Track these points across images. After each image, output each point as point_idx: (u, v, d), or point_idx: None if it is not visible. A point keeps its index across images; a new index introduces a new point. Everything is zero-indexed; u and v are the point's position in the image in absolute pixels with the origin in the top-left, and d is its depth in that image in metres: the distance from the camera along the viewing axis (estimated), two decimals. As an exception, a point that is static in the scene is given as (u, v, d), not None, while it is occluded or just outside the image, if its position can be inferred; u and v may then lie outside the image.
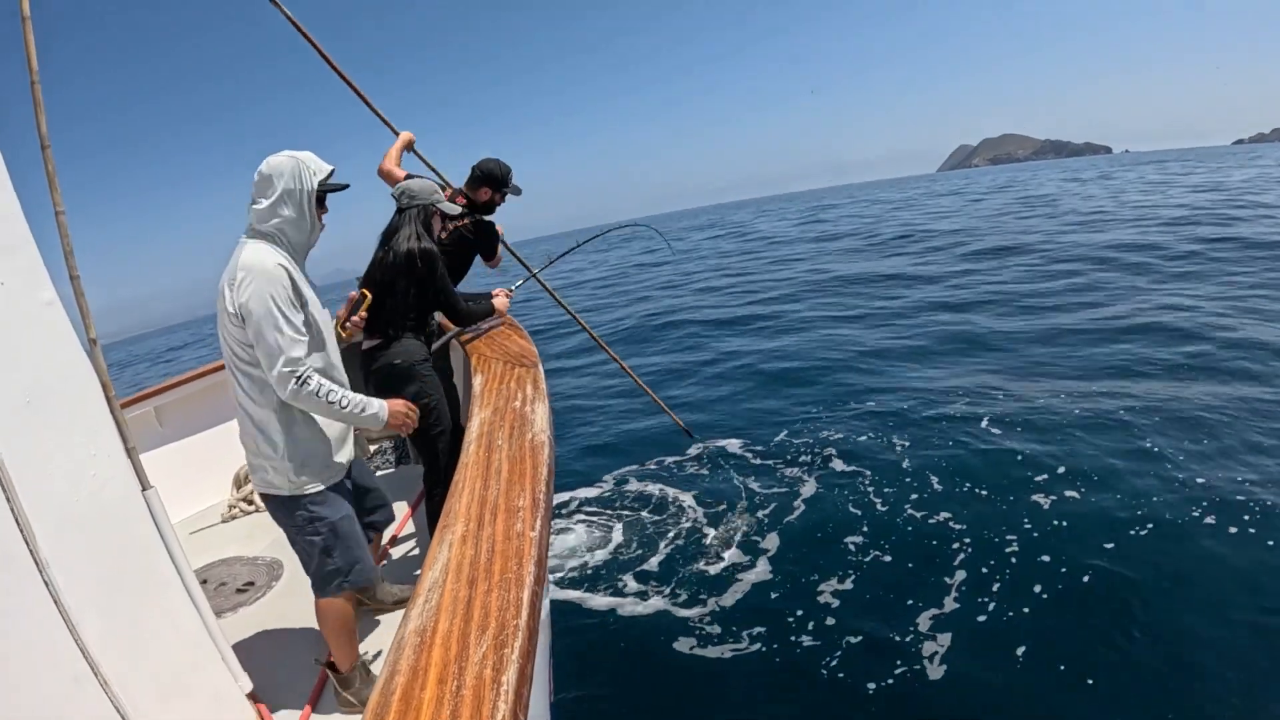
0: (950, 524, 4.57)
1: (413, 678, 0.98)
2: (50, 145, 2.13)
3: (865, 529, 4.68)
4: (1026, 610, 3.63)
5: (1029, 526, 4.40)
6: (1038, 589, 3.79)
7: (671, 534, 5.06)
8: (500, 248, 3.82)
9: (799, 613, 3.89)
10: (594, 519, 5.47)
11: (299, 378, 2.13)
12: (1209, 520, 4.12)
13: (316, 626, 2.36)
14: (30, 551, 1.62)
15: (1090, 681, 3.13)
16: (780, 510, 5.14)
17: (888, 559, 4.29)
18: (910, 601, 3.83)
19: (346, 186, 2.40)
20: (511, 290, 3.71)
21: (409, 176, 3.23)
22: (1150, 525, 4.18)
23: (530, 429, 1.87)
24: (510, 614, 1.08)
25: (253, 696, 2.17)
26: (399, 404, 2.40)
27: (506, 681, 0.95)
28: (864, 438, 6.31)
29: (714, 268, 20.85)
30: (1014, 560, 4.08)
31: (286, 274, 2.15)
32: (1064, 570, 3.90)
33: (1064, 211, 21.89)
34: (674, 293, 17.00)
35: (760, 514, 5.15)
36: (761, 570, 4.38)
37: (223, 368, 4.17)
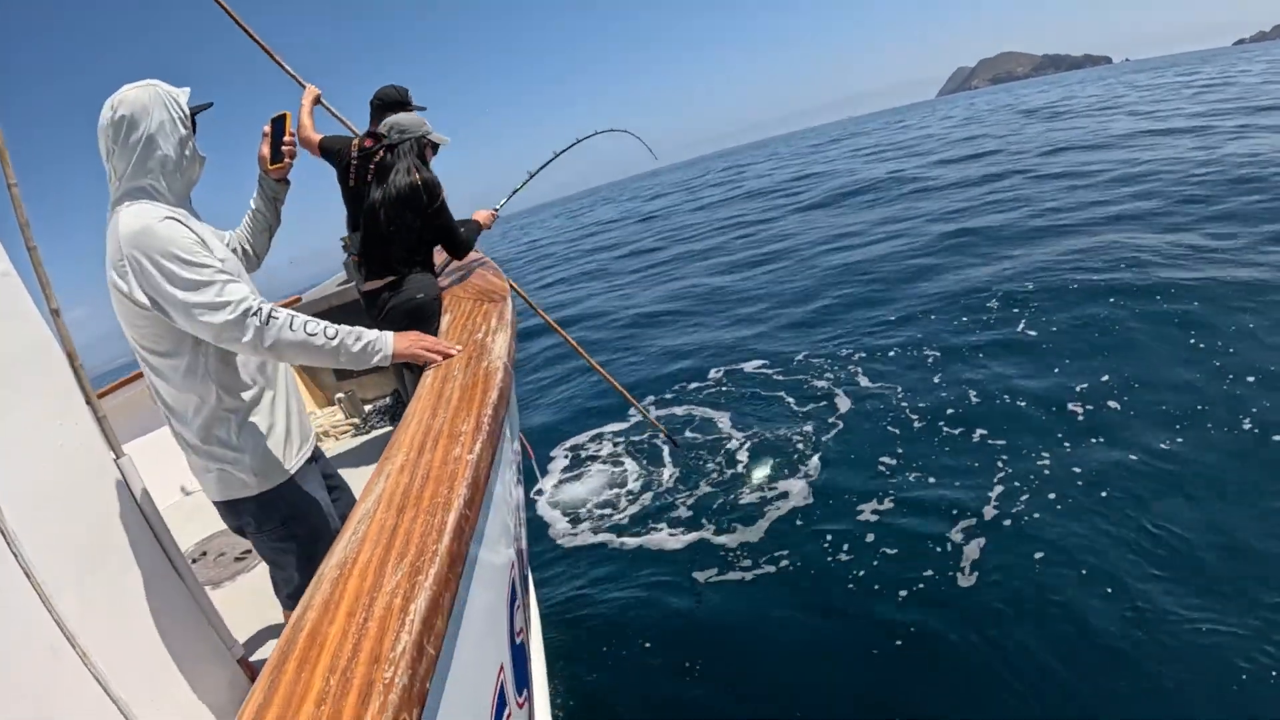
0: (987, 440, 4.55)
1: (324, 612, 0.93)
2: (-1, 122, 2.09)
3: (900, 447, 4.72)
4: (1054, 520, 3.65)
5: (1062, 438, 4.36)
6: (1066, 499, 3.78)
7: (702, 463, 5.14)
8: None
9: (835, 529, 3.99)
10: (621, 452, 5.58)
11: (257, 313, 1.75)
12: (1245, 442, 3.98)
13: None
14: (-2, 524, 1.59)
15: (1109, 590, 3.13)
16: (816, 430, 5.22)
17: (926, 477, 4.32)
18: (945, 514, 3.89)
19: (211, 105, 2.01)
20: (496, 209, 3.68)
21: (325, 138, 3.15)
22: (1185, 439, 4.08)
23: (487, 357, 1.81)
24: (431, 539, 1.02)
25: (244, 662, 2.16)
26: (411, 334, 1.98)
27: (414, 610, 0.89)
28: (892, 353, 6.35)
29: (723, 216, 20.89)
30: (1046, 473, 4.07)
31: (180, 224, 1.78)
32: (1093, 483, 3.87)
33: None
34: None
35: (794, 435, 5.22)
36: (797, 491, 4.47)
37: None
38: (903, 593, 3.36)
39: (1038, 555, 3.41)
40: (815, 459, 4.78)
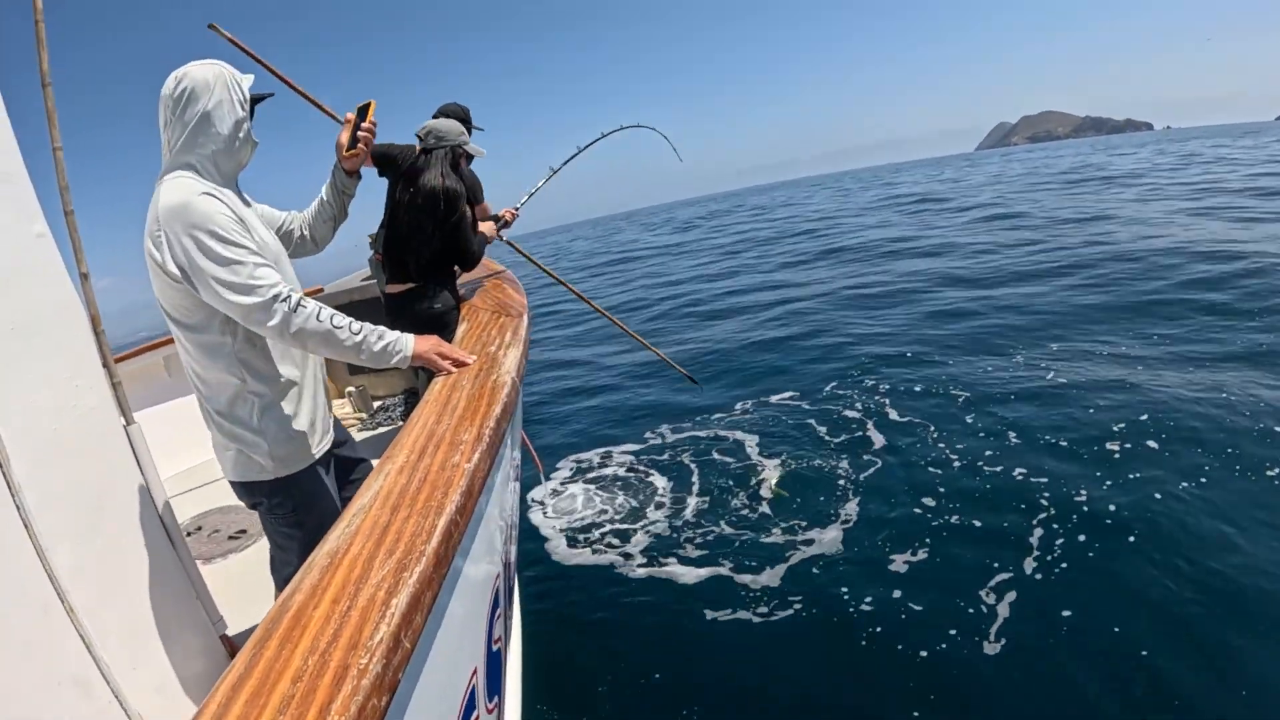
0: (1030, 479, 4.49)
1: (310, 596, 0.98)
2: (51, 84, 2.16)
3: (940, 488, 4.60)
4: (1091, 583, 3.51)
5: (1104, 478, 4.31)
6: (1104, 554, 3.68)
7: (725, 494, 5.04)
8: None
9: (861, 579, 3.84)
10: (640, 476, 5.49)
11: (286, 299, 1.77)
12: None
13: None
14: (4, 475, 1.65)
15: (1145, 651, 3.03)
16: (851, 467, 5.09)
17: (964, 522, 4.20)
18: (979, 569, 3.75)
19: (272, 95, 2.09)
20: (517, 208, 3.72)
21: (382, 144, 3.22)
22: (1232, 488, 4.02)
23: (496, 370, 1.86)
24: (420, 539, 1.07)
25: (226, 638, 2.20)
26: (431, 339, 2.01)
27: (395, 605, 0.94)
28: (918, 388, 6.37)
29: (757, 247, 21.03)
30: (1086, 516, 4.00)
31: (219, 201, 1.82)
32: (1136, 537, 3.76)
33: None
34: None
35: (827, 470, 5.11)
36: (826, 534, 4.31)
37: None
38: (923, 653, 3.23)
39: (1064, 613, 3.31)
40: (847, 498, 4.68)
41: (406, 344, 1.96)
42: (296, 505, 2.05)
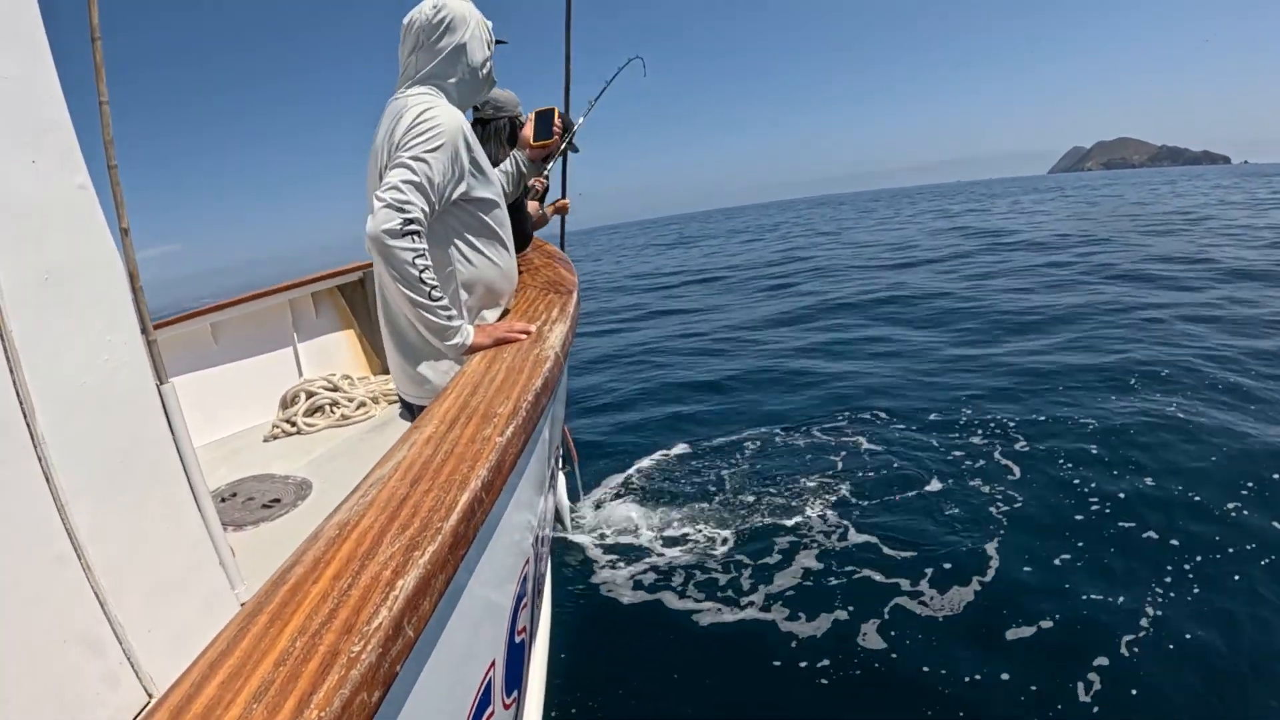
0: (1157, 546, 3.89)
1: (311, 569, 0.88)
2: (100, 38, 2.13)
3: (1077, 540, 4.00)
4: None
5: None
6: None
7: (801, 512, 4.57)
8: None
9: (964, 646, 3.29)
10: (699, 483, 5.14)
11: (408, 223, 1.73)
12: None
13: None
14: (29, 426, 1.60)
15: None
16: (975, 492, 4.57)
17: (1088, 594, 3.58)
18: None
19: (506, 42, 2.17)
20: (545, 178, 3.51)
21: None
22: None
23: (540, 345, 1.77)
24: (438, 516, 0.97)
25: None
26: (487, 326, 1.98)
27: (401, 586, 0.83)
28: (1043, 417, 5.75)
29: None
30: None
31: (463, 130, 1.86)
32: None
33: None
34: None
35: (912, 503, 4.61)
36: (925, 588, 3.73)
37: (282, 290, 4.25)
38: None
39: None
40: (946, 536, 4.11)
41: (468, 334, 1.92)
42: None
